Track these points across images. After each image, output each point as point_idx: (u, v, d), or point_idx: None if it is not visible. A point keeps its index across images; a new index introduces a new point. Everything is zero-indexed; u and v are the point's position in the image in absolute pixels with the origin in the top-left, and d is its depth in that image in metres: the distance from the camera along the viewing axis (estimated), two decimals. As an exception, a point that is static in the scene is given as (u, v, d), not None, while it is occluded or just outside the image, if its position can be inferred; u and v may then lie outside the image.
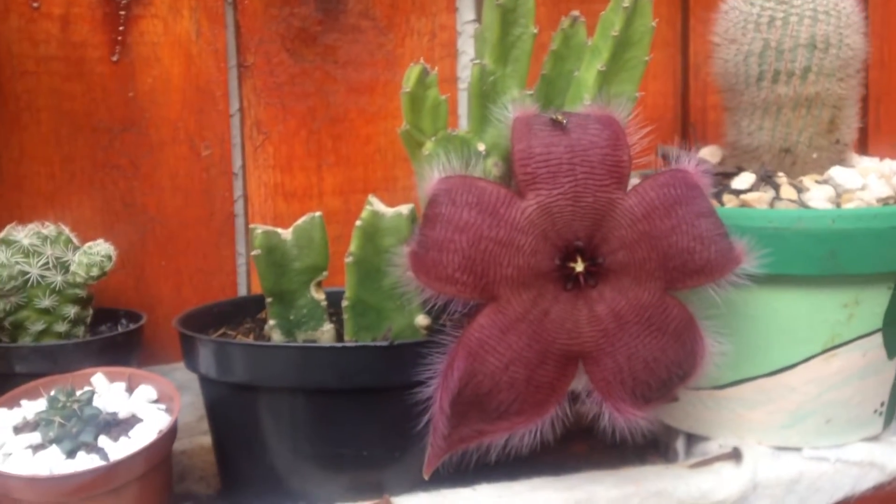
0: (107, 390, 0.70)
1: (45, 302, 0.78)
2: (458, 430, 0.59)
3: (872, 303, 0.70)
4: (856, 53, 0.76)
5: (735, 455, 0.71)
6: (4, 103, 0.88)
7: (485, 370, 0.58)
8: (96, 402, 0.66)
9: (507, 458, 0.59)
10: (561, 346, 0.58)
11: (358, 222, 0.66)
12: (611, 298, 0.58)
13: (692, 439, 0.76)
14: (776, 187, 0.73)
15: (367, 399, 0.65)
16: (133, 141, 0.90)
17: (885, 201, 0.72)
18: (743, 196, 0.72)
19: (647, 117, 1.03)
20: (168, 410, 0.68)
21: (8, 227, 0.79)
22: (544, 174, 0.59)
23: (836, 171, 0.75)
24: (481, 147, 0.70)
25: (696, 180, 0.62)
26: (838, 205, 0.71)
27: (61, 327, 0.79)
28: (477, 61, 0.70)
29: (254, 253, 0.69)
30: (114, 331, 0.82)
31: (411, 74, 0.68)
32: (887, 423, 0.76)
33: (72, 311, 0.79)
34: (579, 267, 0.58)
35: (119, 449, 0.63)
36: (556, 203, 0.58)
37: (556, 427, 0.59)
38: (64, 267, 0.78)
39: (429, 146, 0.69)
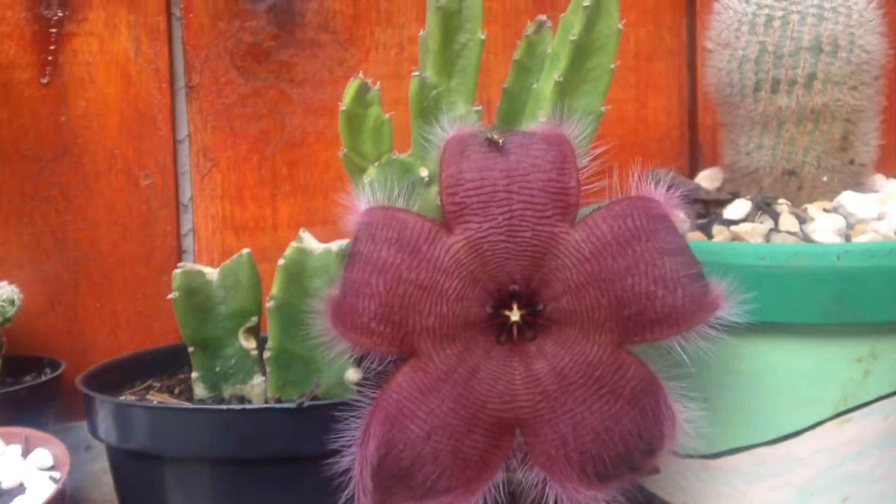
0: (0, 454, 0.62)
1: (-59, 352, 0.71)
2: (383, 508, 0.52)
3: (893, 357, 0.58)
4: (871, 57, 0.65)
5: (729, 539, 0.60)
6: (-75, 130, 0.82)
7: (405, 439, 0.51)
8: (-23, 470, 0.59)
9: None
10: (492, 412, 0.50)
11: (281, 261, 0.63)
12: (552, 354, 0.51)
13: (685, 515, 0.65)
14: (775, 217, 0.62)
15: (278, 470, 0.58)
16: (65, 170, 0.84)
17: (906, 233, 0.60)
18: (734, 228, 0.61)
19: (649, 136, 0.93)
20: (57, 480, 0.60)
21: None
22: (475, 204, 0.52)
23: (846, 198, 0.63)
24: (424, 173, 0.65)
25: (661, 210, 0.52)
26: (848, 238, 0.60)
27: (-41, 380, 0.72)
28: (416, 73, 0.62)
29: (171, 296, 0.63)
30: (38, 379, 0.74)
31: (349, 90, 0.63)
32: (918, 500, 0.64)
33: (-29, 361, 0.72)
34: (515, 316, 0.50)
35: (-12, 527, 0.55)
36: (488, 238, 0.51)
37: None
38: (-37, 313, 0.71)
39: (371, 172, 0.64)
